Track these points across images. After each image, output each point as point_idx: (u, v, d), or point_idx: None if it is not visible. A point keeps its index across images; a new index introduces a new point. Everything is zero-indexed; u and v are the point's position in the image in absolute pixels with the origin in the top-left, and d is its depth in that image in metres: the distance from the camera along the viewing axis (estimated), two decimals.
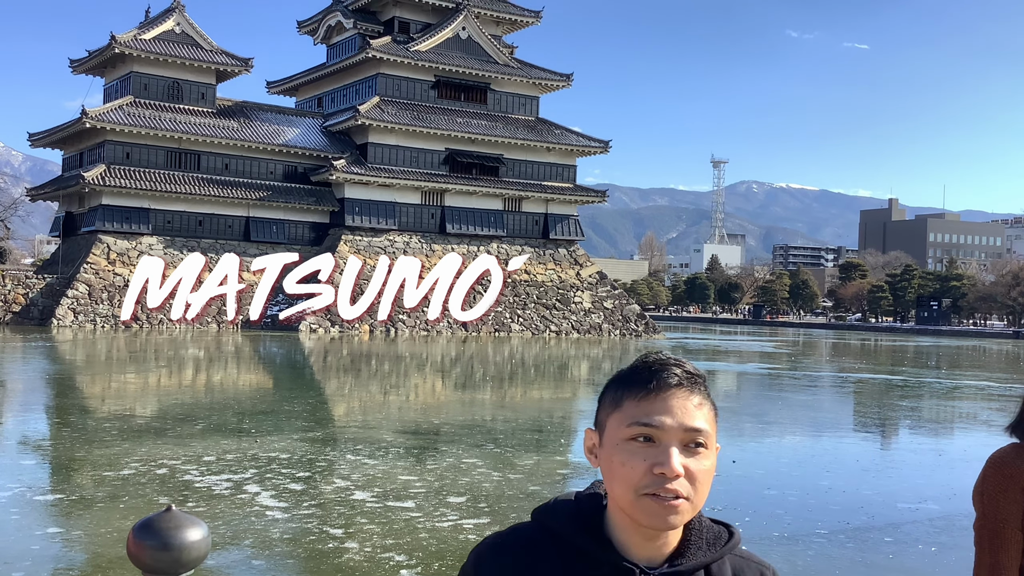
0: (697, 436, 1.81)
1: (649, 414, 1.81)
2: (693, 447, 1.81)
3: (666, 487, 1.77)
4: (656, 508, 1.77)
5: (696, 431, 1.80)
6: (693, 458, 1.81)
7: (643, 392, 1.83)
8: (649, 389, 1.83)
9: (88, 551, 10.84)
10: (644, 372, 1.86)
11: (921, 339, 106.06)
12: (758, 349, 70.35)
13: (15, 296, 69.34)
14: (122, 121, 72.33)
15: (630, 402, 1.84)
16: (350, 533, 11.70)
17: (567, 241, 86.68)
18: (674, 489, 1.77)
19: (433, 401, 30.01)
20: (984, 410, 31.65)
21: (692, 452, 1.81)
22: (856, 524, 13.05)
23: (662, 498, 1.77)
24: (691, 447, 1.81)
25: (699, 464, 1.81)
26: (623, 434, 1.82)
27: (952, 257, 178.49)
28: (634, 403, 1.83)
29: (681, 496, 1.78)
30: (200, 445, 17.95)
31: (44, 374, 34.62)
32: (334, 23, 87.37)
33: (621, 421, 1.83)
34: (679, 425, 1.80)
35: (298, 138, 79.88)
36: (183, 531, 2.66)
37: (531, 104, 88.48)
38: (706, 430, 1.82)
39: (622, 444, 1.81)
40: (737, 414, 27.41)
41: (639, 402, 1.82)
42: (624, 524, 1.84)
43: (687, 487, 1.79)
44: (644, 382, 1.84)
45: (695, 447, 1.81)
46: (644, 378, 1.85)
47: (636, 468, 1.78)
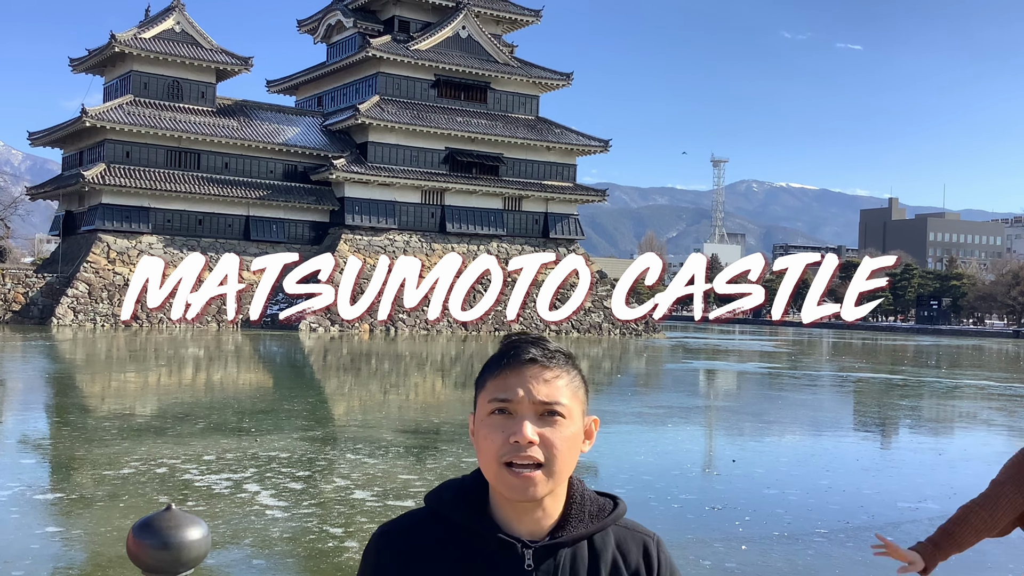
0: (551, 407, 1.89)
1: (504, 388, 1.90)
2: (548, 416, 1.89)
3: (521, 454, 1.85)
4: (512, 480, 1.86)
5: (547, 402, 1.89)
6: (549, 427, 1.89)
7: (498, 370, 1.93)
8: (503, 366, 1.93)
9: (88, 550, 10.83)
10: (501, 352, 1.97)
11: (921, 338, 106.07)
12: (758, 348, 70.35)
13: (15, 295, 69.34)
14: (122, 120, 72.31)
15: (490, 381, 1.94)
16: (350, 532, 11.70)
17: (567, 240, 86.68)
18: (528, 456, 1.86)
19: (433, 400, 30.01)
20: (984, 409, 31.65)
21: (548, 421, 1.89)
22: (856, 523, 13.04)
23: (517, 469, 1.85)
24: (546, 416, 1.89)
25: (556, 432, 1.89)
26: (485, 410, 1.92)
27: (952, 256, 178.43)
28: (493, 381, 1.93)
29: (537, 463, 1.86)
30: (200, 444, 17.95)
31: (44, 373, 34.61)
32: (334, 22, 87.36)
33: (484, 399, 1.93)
34: (529, 396, 1.88)
35: (298, 137, 79.87)
36: (183, 530, 2.66)
37: (531, 103, 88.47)
38: (560, 401, 1.90)
39: (485, 419, 1.92)
40: (737, 413, 27.42)
41: (496, 379, 1.93)
42: (502, 500, 1.92)
43: (542, 453, 1.86)
44: (499, 360, 1.95)
45: (550, 416, 1.89)
46: (501, 356, 1.95)
47: (496, 439, 1.88)
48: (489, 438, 1.89)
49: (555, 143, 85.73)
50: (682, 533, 11.86)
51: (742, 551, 11.32)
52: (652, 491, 14.67)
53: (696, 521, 12.92)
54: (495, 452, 1.87)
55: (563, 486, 1.95)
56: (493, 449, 1.88)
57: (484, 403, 1.93)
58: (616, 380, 41.85)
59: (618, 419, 25.03)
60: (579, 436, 1.95)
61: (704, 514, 13.37)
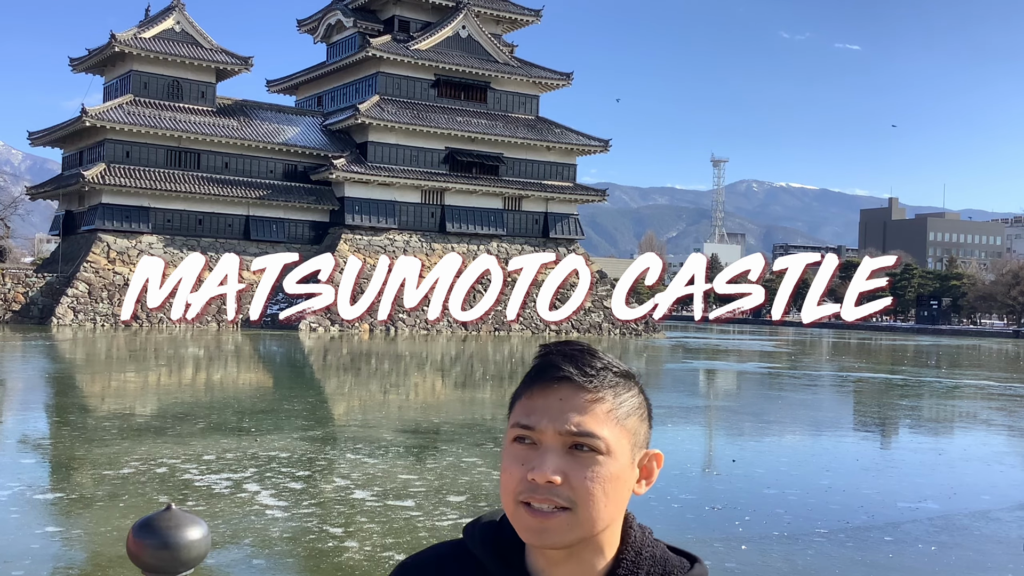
0: (582, 439, 1.54)
1: (527, 413, 1.59)
2: (577, 450, 1.55)
3: (538, 495, 1.53)
4: (528, 520, 1.54)
5: (578, 433, 1.55)
6: (578, 464, 1.54)
7: (527, 389, 1.62)
8: (532, 385, 1.61)
9: (88, 550, 10.84)
10: (533, 367, 1.65)
11: (921, 338, 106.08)
12: (758, 348, 70.36)
13: (15, 295, 69.34)
14: (122, 120, 72.31)
15: (519, 401, 1.63)
16: (350, 532, 11.70)
17: (567, 240, 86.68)
18: (546, 498, 1.52)
19: (433, 400, 30.01)
20: (984, 409, 31.65)
21: (577, 456, 1.54)
22: (856, 523, 13.05)
23: (535, 509, 1.53)
24: (575, 451, 1.55)
25: (585, 471, 1.53)
26: (509, 436, 1.62)
27: (952, 256, 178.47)
28: (520, 402, 1.62)
29: (558, 505, 1.52)
30: (200, 444, 17.95)
31: (44, 373, 34.61)
32: (334, 22, 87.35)
33: (510, 423, 1.63)
34: (555, 425, 1.55)
35: (298, 137, 79.87)
36: (183, 530, 2.66)
37: (531, 103, 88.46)
38: (595, 433, 1.55)
39: (507, 447, 1.61)
40: (737, 413, 27.43)
41: (524, 400, 1.62)
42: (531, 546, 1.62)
43: (567, 496, 1.52)
44: (530, 378, 1.63)
45: (581, 451, 1.55)
46: (531, 373, 1.64)
47: (513, 473, 1.56)
48: (508, 470, 1.57)
49: (555, 143, 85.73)
50: (682, 533, 11.87)
51: (742, 551, 11.33)
52: (652, 491, 14.52)
53: (696, 521, 12.92)
54: (511, 488, 1.56)
55: (612, 536, 1.60)
56: (510, 484, 1.56)
57: (509, 428, 1.62)
58: None
59: None
60: (625, 476, 1.57)
61: (704, 514, 13.38)
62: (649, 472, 1.64)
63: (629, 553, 1.61)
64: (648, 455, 1.64)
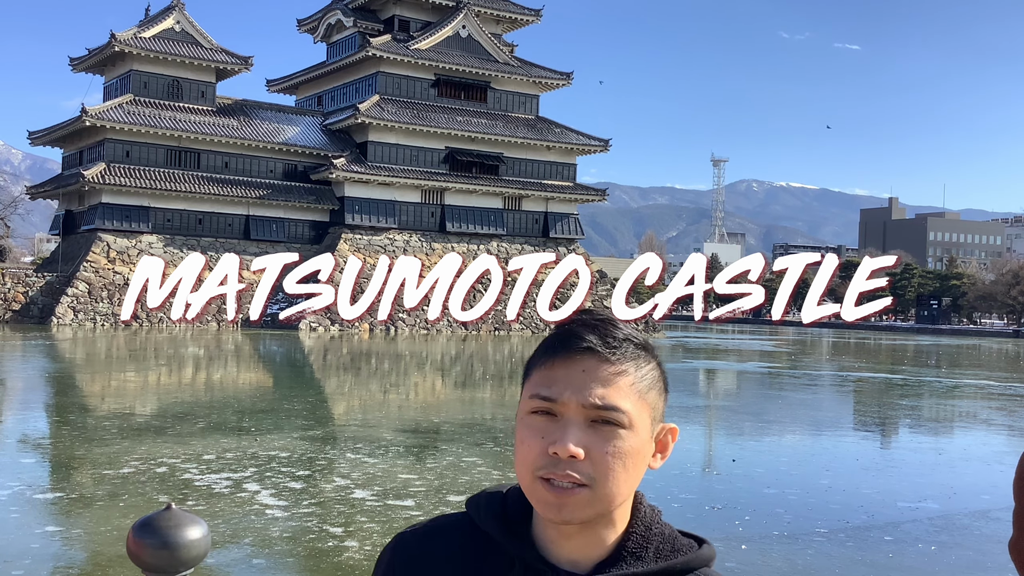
0: (606, 413, 1.51)
1: (548, 383, 1.53)
2: (601, 424, 1.51)
3: (558, 471, 1.49)
4: (546, 495, 1.49)
5: (602, 406, 1.50)
6: (600, 438, 1.50)
7: (547, 359, 1.55)
8: (553, 355, 1.55)
9: (88, 549, 10.84)
10: (553, 335, 1.59)
11: (921, 338, 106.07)
12: (758, 348, 70.35)
13: (15, 294, 69.33)
14: (122, 119, 72.31)
15: (536, 372, 1.57)
16: (350, 532, 11.70)
17: (567, 240, 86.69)
18: (567, 474, 1.48)
19: (433, 400, 30.01)
20: (984, 409, 31.65)
21: (600, 430, 1.50)
22: (856, 523, 13.05)
23: (555, 484, 1.49)
24: (599, 424, 1.51)
25: (607, 446, 1.50)
26: (526, 407, 1.56)
27: (952, 256, 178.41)
28: (539, 372, 1.56)
29: (577, 482, 1.49)
30: (200, 444, 17.95)
31: (44, 372, 34.61)
32: (334, 21, 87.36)
33: (527, 393, 1.57)
34: (578, 397, 1.50)
35: (298, 136, 79.88)
36: (183, 529, 2.66)
37: (531, 103, 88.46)
38: (619, 406, 1.51)
39: (524, 419, 1.55)
40: (737, 413, 27.42)
41: (542, 370, 1.55)
42: (540, 518, 1.58)
43: (587, 471, 1.48)
44: (549, 346, 1.57)
45: (604, 424, 1.51)
46: (551, 342, 1.58)
47: (533, 446, 1.51)
48: (526, 443, 1.53)
49: (555, 142, 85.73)
50: None
51: (742, 551, 11.33)
52: (651, 491, 14.64)
53: (696, 521, 12.92)
54: (530, 462, 1.51)
55: (623, 510, 1.58)
56: (529, 458, 1.52)
57: (525, 398, 1.56)
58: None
59: None
60: (644, 450, 1.55)
61: (704, 514, 13.37)
62: (664, 446, 1.62)
63: (639, 528, 1.60)
64: (664, 429, 1.61)
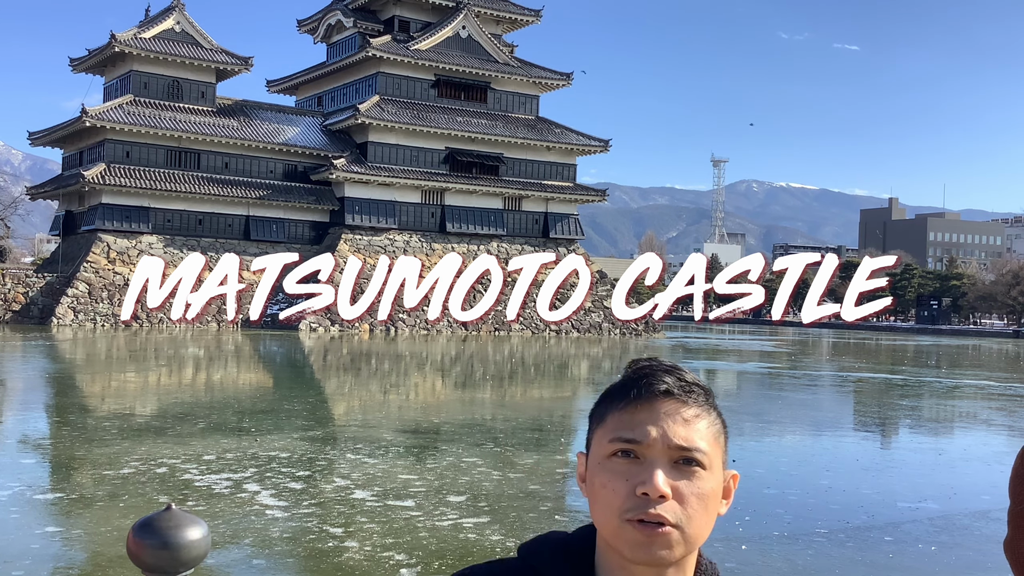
0: (689, 453, 1.53)
1: (631, 426, 1.55)
2: (683, 464, 1.53)
3: (650, 511, 1.50)
4: (639, 537, 1.50)
5: (686, 447, 1.53)
6: (685, 478, 1.52)
7: (625, 402, 1.58)
8: (631, 398, 1.58)
9: (88, 550, 10.84)
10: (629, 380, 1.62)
11: (921, 338, 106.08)
12: (758, 348, 70.36)
13: (15, 295, 69.34)
14: (122, 120, 72.31)
15: (613, 415, 1.58)
16: (350, 532, 11.70)
17: (567, 240, 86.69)
18: (658, 514, 1.50)
19: (433, 400, 30.01)
20: (984, 409, 31.65)
21: (683, 471, 1.53)
22: (856, 523, 13.05)
23: (648, 524, 1.50)
24: (681, 464, 1.53)
25: (692, 486, 1.52)
26: (604, 451, 1.56)
27: (952, 256, 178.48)
28: (617, 415, 1.58)
29: (668, 523, 1.50)
30: (200, 444, 17.95)
31: (44, 373, 34.61)
32: (334, 22, 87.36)
33: (603, 437, 1.58)
34: (663, 438, 1.53)
35: (298, 137, 79.88)
36: (183, 530, 2.65)
37: (531, 103, 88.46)
38: (700, 447, 1.54)
39: (604, 463, 1.56)
40: (737, 413, 27.40)
41: (621, 414, 1.57)
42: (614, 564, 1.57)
43: (676, 512, 1.51)
44: (627, 391, 1.59)
45: (686, 464, 1.53)
46: (628, 387, 1.60)
47: (618, 489, 1.52)
48: (609, 486, 1.52)
49: (555, 143, 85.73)
50: None
51: (742, 551, 11.33)
52: None
53: None
54: (616, 506, 1.51)
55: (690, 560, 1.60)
56: (616, 502, 1.51)
57: (603, 442, 1.56)
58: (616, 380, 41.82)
59: None
60: (718, 494, 1.57)
61: None
62: (728, 492, 1.64)
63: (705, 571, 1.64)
64: (728, 475, 1.63)
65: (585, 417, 1.82)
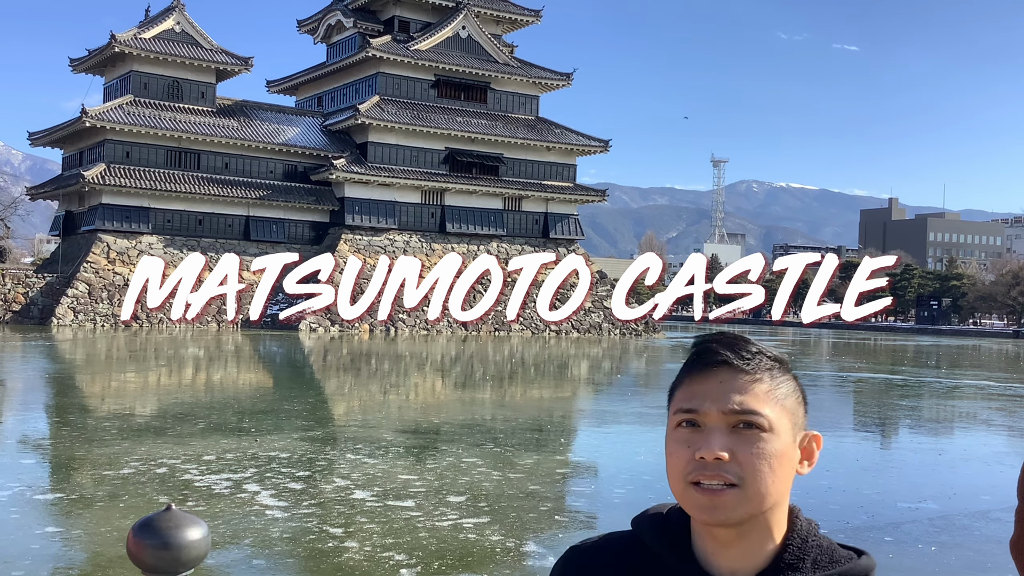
0: (746, 416, 1.62)
1: (690, 397, 1.67)
2: (743, 428, 1.62)
3: (708, 473, 1.60)
4: (699, 497, 1.60)
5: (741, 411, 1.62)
6: (743, 440, 1.61)
7: (687, 376, 1.71)
8: (691, 372, 1.70)
9: (88, 550, 10.84)
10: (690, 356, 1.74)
11: (921, 338, 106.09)
12: None
13: (15, 295, 69.34)
14: (122, 120, 72.32)
15: (679, 390, 1.71)
16: (350, 532, 11.70)
17: (567, 240, 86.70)
18: (716, 474, 1.59)
19: (433, 400, 30.01)
20: (984, 410, 31.65)
21: (743, 434, 1.62)
22: (856, 523, 13.05)
23: (705, 487, 1.60)
24: (741, 429, 1.62)
25: (751, 447, 1.61)
26: (672, 423, 1.69)
27: (952, 256, 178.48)
28: (681, 390, 1.70)
29: (727, 482, 1.59)
30: (200, 444, 17.95)
31: (44, 373, 34.61)
32: (334, 22, 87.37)
33: (672, 411, 1.71)
34: (718, 405, 1.63)
35: (298, 137, 79.89)
36: (183, 530, 2.65)
37: (531, 103, 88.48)
38: (758, 410, 1.62)
39: (672, 434, 1.69)
40: None
41: (684, 388, 1.70)
42: (699, 530, 1.68)
43: (735, 471, 1.59)
44: (688, 366, 1.72)
45: (746, 428, 1.62)
46: (689, 362, 1.72)
47: (681, 456, 1.64)
48: (675, 454, 1.65)
49: (555, 143, 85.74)
50: None
51: None
52: (652, 491, 14.66)
53: None
54: (680, 469, 1.63)
55: (779, 519, 1.70)
56: (679, 466, 1.64)
57: (671, 416, 1.70)
58: (616, 380, 41.88)
59: (618, 419, 25.08)
60: (790, 454, 1.66)
61: None
62: (810, 453, 1.72)
63: (796, 539, 1.71)
64: (808, 436, 1.71)
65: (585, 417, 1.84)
